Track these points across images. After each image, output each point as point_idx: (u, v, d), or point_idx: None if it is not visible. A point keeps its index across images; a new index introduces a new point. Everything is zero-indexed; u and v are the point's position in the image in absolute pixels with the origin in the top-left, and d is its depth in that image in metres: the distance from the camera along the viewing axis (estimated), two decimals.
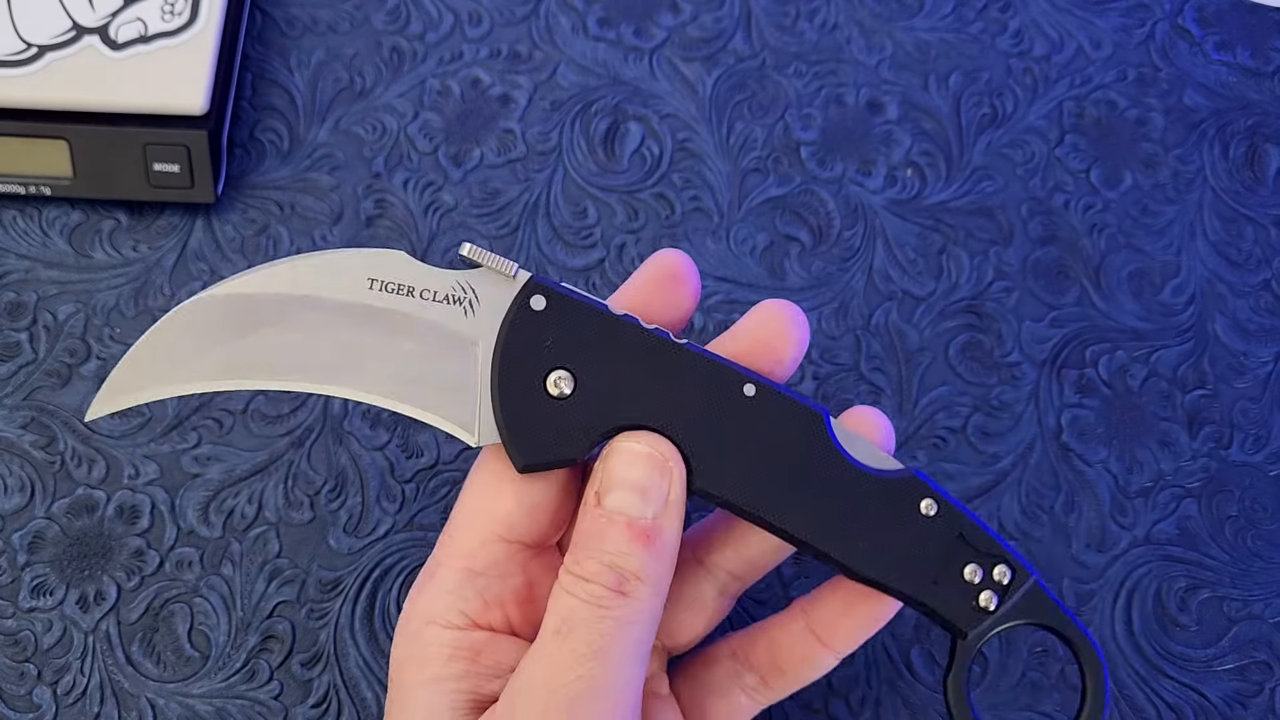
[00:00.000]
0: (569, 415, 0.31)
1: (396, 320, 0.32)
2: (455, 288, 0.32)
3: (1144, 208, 0.46)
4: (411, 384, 0.32)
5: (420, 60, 0.47)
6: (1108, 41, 0.49)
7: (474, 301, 0.32)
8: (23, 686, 0.38)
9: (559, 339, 0.32)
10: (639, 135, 0.46)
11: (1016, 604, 0.32)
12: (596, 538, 0.31)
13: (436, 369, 0.32)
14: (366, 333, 0.32)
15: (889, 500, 0.31)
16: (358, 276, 0.32)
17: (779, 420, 0.32)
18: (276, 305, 0.32)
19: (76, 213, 0.44)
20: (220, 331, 0.32)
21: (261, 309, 0.32)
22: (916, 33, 0.49)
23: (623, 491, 0.31)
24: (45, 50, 0.43)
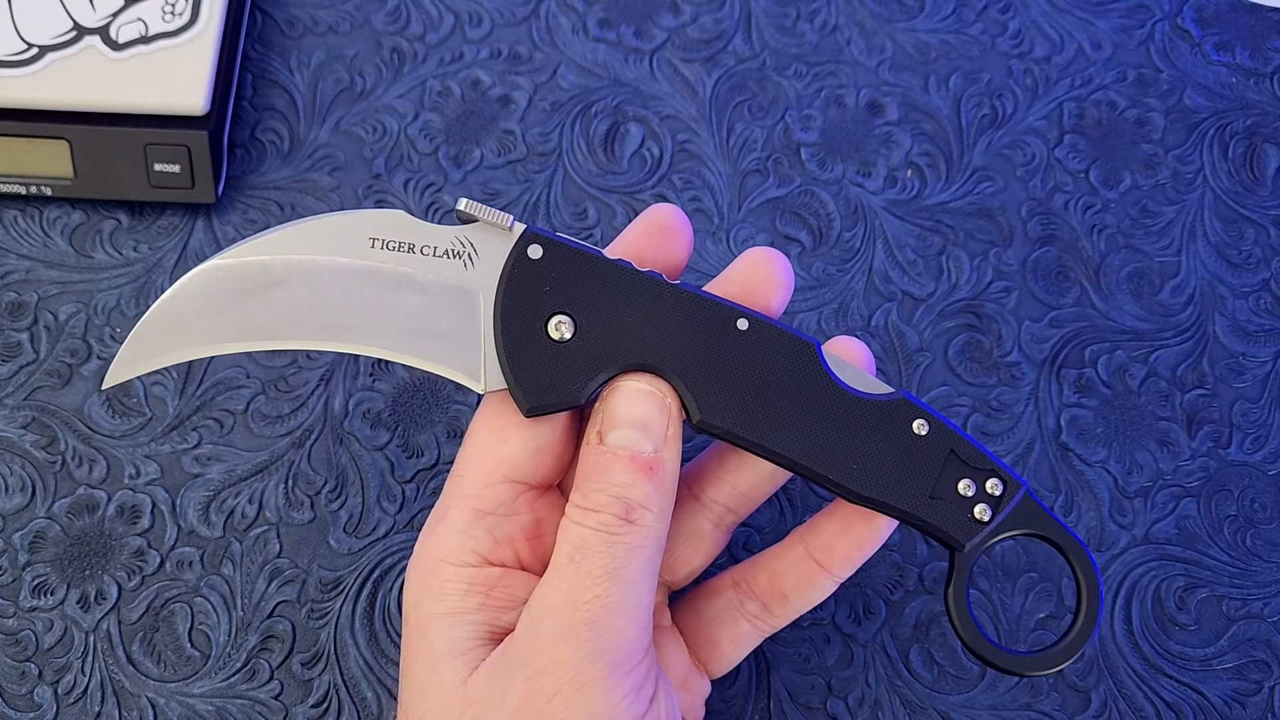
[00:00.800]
0: (571, 358, 0.33)
1: (400, 277, 0.33)
2: (454, 242, 0.33)
3: (1143, 208, 0.46)
4: (418, 337, 0.33)
5: (421, 61, 0.47)
6: (1108, 42, 0.49)
7: (473, 254, 0.33)
8: (24, 686, 0.38)
9: (557, 285, 0.33)
10: (639, 136, 0.46)
11: (1010, 514, 0.33)
12: (602, 472, 0.32)
13: (441, 321, 0.33)
14: (371, 290, 0.33)
15: (881, 421, 0.33)
16: (359, 237, 0.33)
17: (772, 351, 0.33)
18: (283, 269, 0.33)
19: (77, 213, 0.44)
20: (230, 296, 0.33)
21: (269, 273, 0.33)
22: (917, 34, 0.49)
23: (625, 429, 0.32)
24: (46, 50, 0.43)
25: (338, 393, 0.42)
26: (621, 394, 0.33)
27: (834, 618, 0.40)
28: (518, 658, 0.31)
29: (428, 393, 0.42)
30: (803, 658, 0.40)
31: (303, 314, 0.33)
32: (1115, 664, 0.40)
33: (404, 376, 0.42)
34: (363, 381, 0.42)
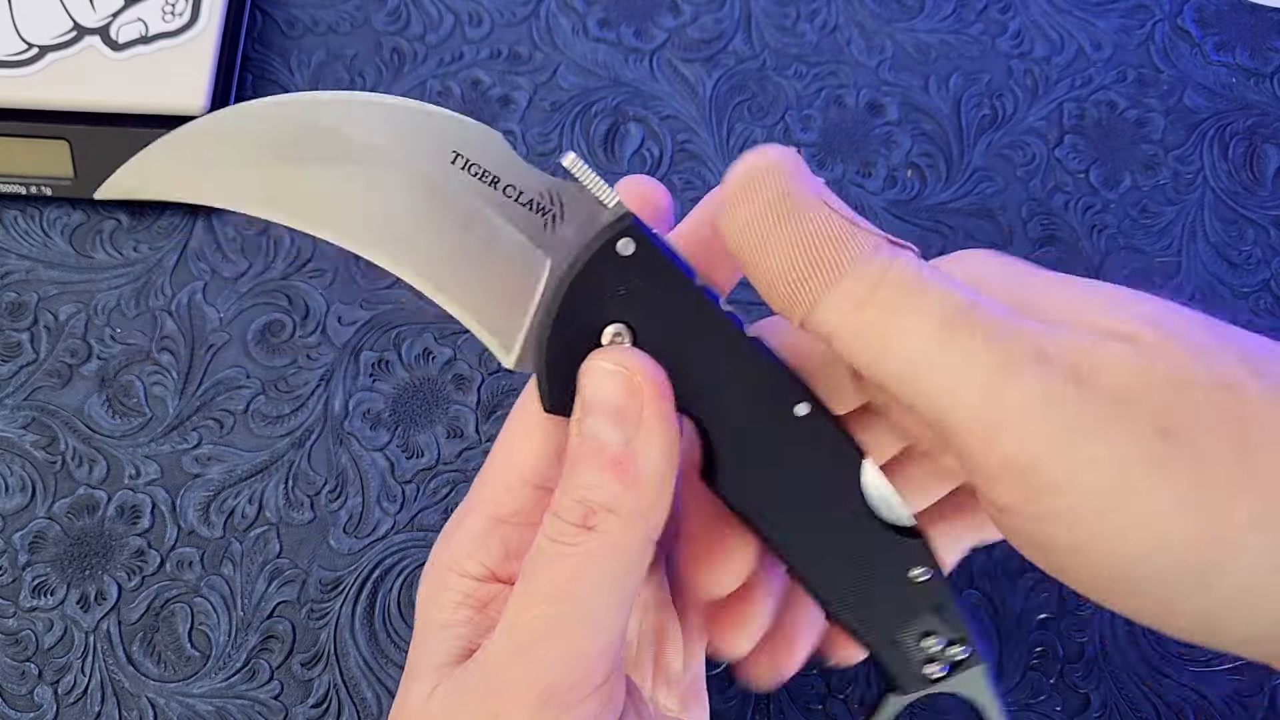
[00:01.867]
0: None
1: (471, 210, 0.29)
2: (544, 195, 0.29)
3: (1144, 208, 0.46)
4: (462, 278, 0.29)
5: (421, 61, 0.47)
6: (1108, 43, 0.49)
7: (558, 217, 0.29)
8: (24, 686, 0.38)
9: (634, 292, 0.29)
10: (639, 136, 0.46)
11: (959, 679, 0.31)
12: (572, 468, 0.28)
13: (494, 272, 0.29)
14: (435, 209, 0.29)
15: (888, 558, 0.31)
16: (444, 145, 0.28)
17: (818, 448, 0.30)
18: (342, 143, 0.28)
19: (77, 213, 0.44)
20: (269, 151, 0.28)
21: (324, 141, 0.28)
22: (917, 34, 0.49)
23: (595, 416, 0.28)
24: (46, 50, 0.43)
25: (338, 393, 0.42)
26: (591, 375, 0.29)
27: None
28: (466, 684, 0.29)
29: (428, 393, 0.42)
30: None
31: (347, 205, 0.28)
32: (1116, 664, 0.40)
33: (404, 377, 0.42)
34: (363, 382, 0.42)
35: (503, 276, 0.29)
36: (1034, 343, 0.26)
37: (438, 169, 0.29)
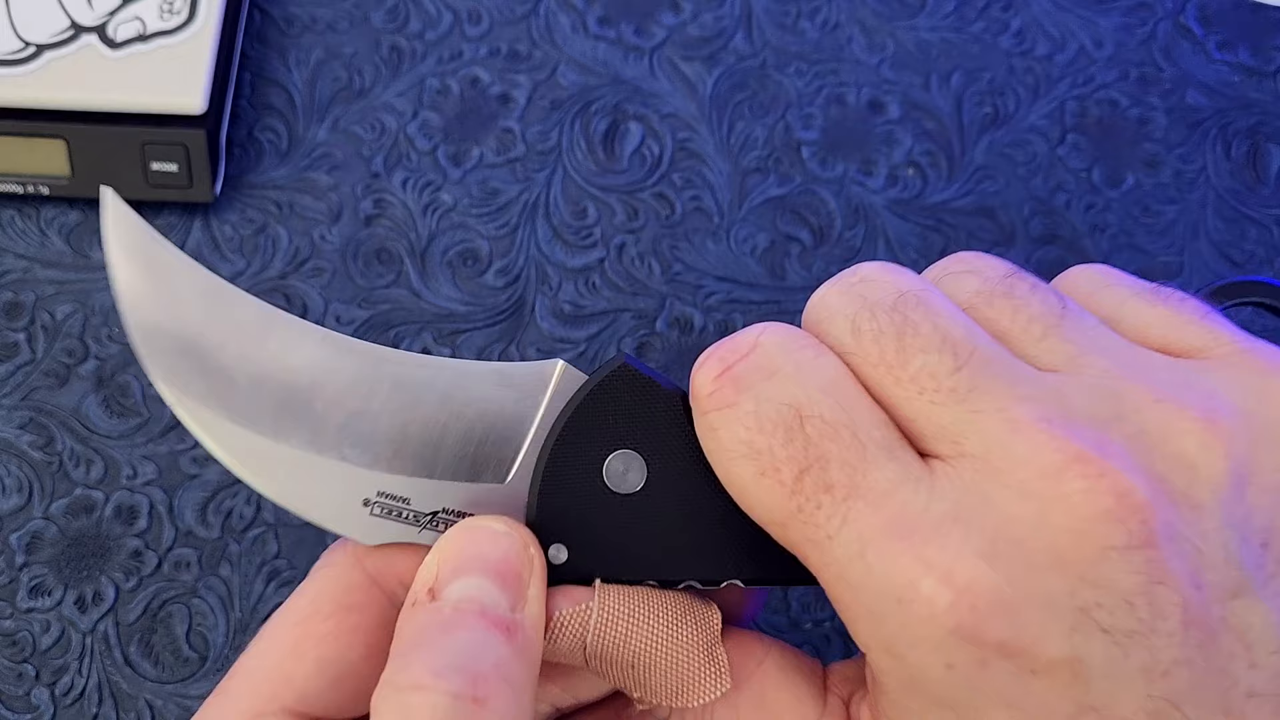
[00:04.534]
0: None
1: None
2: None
3: (1145, 208, 0.46)
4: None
5: (419, 59, 0.47)
6: (1109, 41, 0.49)
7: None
8: (21, 687, 0.38)
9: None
10: (639, 135, 0.46)
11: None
12: (437, 634, 0.24)
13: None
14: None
15: None
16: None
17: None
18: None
19: (75, 212, 0.44)
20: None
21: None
22: (918, 32, 0.49)
23: (475, 577, 0.25)
24: (43, 49, 0.42)
25: None
26: (472, 533, 0.26)
27: (834, 619, 0.40)
28: None
29: None
30: None
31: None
32: None
33: None
34: None
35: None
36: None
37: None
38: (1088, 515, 0.23)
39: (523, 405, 0.27)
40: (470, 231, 0.44)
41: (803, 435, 0.25)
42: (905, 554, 0.23)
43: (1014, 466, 0.24)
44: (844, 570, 0.24)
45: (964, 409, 0.24)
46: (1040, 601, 0.23)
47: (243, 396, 0.27)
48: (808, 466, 0.24)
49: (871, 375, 0.25)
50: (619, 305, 0.43)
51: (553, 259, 0.44)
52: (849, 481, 0.24)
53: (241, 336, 0.27)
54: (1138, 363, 0.26)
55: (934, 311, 0.26)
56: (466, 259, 0.44)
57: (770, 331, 0.26)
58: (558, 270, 0.44)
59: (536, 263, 0.44)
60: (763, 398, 0.25)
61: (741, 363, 0.25)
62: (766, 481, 0.25)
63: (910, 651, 0.24)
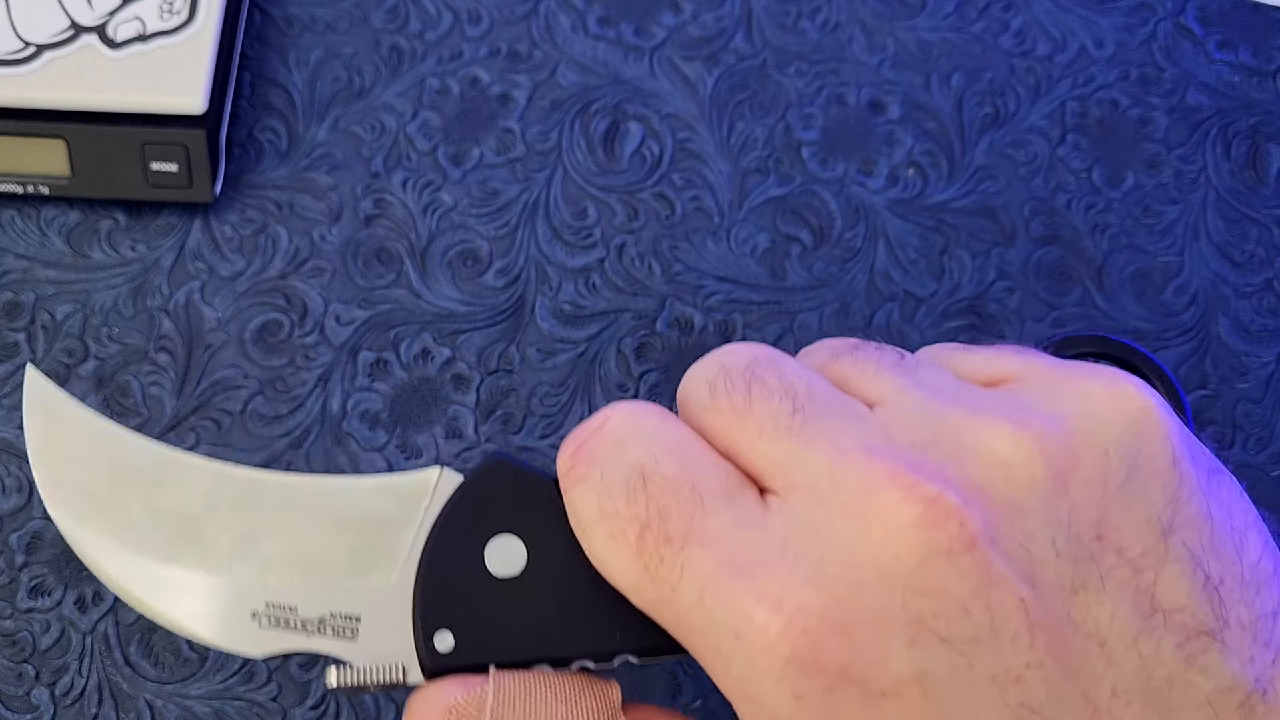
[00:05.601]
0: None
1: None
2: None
3: (1146, 208, 0.46)
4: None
5: (419, 59, 0.47)
6: (1110, 41, 0.49)
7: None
8: (21, 687, 0.38)
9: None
10: (639, 135, 0.46)
11: None
12: None
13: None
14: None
15: None
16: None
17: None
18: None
19: (74, 212, 0.44)
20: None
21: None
22: (919, 32, 0.48)
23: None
24: (43, 49, 0.42)
25: (335, 393, 0.42)
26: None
27: None
28: None
29: (426, 393, 0.42)
30: None
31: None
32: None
33: (402, 377, 0.42)
34: (361, 382, 0.42)
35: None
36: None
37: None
38: (901, 525, 0.24)
39: (406, 509, 0.28)
40: (470, 232, 0.44)
41: (644, 494, 0.26)
42: (738, 590, 0.24)
43: (836, 491, 0.24)
44: (689, 618, 0.25)
45: (796, 443, 0.26)
46: (873, 619, 0.23)
47: (138, 529, 0.29)
48: (648, 522, 0.25)
49: (719, 426, 0.27)
50: (619, 305, 0.43)
51: (553, 259, 0.44)
52: (686, 531, 0.25)
53: (138, 479, 0.29)
54: (958, 391, 0.27)
55: (781, 370, 0.27)
56: (466, 259, 0.44)
57: (619, 408, 0.27)
58: (558, 270, 0.44)
59: (536, 263, 0.44)
60: (610, 465, 0.26)
61: (592, 439, 0.27)
62: (615, 544, 0.26)
63: (758, 688, 0.24)
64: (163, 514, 0.29)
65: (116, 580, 0.29)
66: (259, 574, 0.28)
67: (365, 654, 0.28)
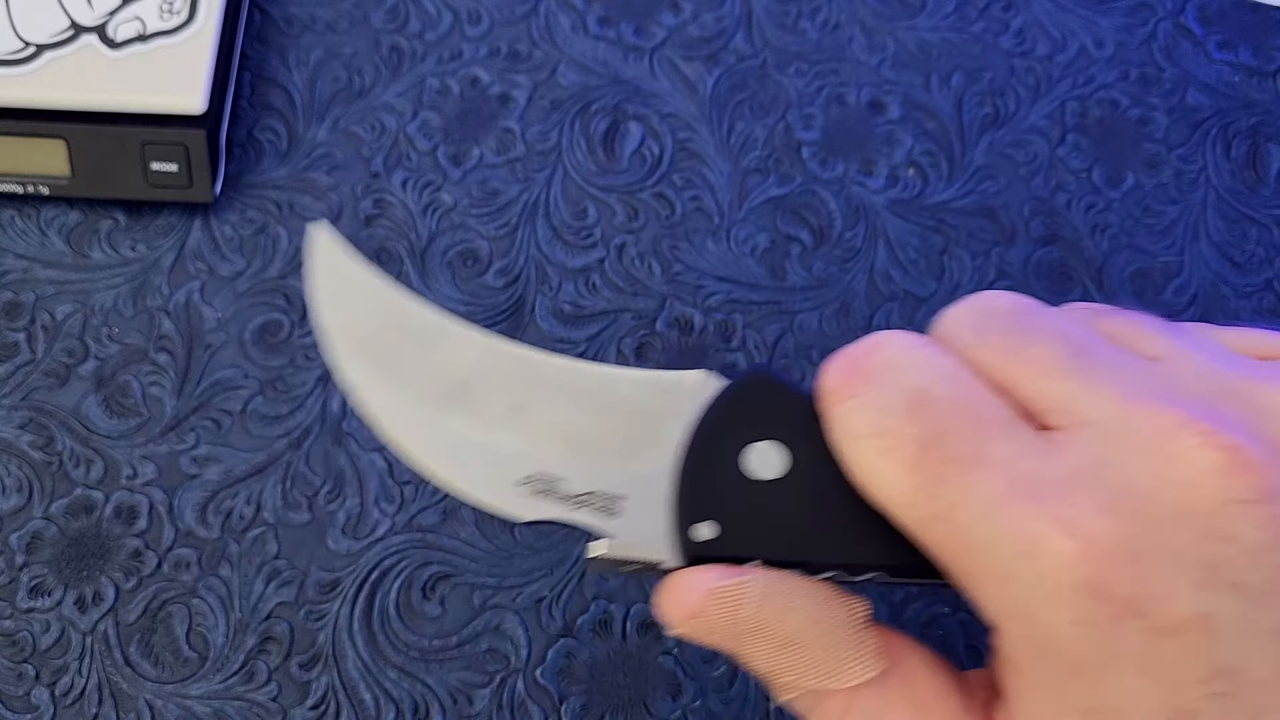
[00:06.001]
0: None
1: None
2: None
3: (1146, 208, 0.46)
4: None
5: (419, 59, 0.47)
6: (1110, 41, 0.49)
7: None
8: (21, 687, 0.38)
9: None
10: (639, 135, 0.46)
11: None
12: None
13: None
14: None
15: None
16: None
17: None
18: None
19: (74, 212, 0.44)
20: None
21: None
22: (918, 32, 0.48)
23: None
24: (43, 49, 0.42)
25: (335, 393, 0.42)
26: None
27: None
28: None
29: None
30: None
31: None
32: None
33: None
34: None
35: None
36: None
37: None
38: (1204, 469, 0.24)
39: (670, 403, 0.29)
40: (470, 231, 0.44)
41: (925, 414, 0.26)
42: (1030, 512, 0.24)
43: (1130, 430, 0.25)
44: (969, 537, 0.25)
45: (1079, 383, 0.26)
46: (1165, 556, 0.24)
47: (415, 385, 0.29)
48: (930, 442, 0.26)
49: (992, 362, 0.27)
50: (619, 305, 0.43)
51: (553, 259, 0.44)
52: (971, 453, 0.25)
53: (417, 338, 0.30)
54: (1235, 358, 0.27)
55: (1052, 315, 0.28)
56: (466, 259, 0.44)
57: (893, 335, 0.28)
58: (558, 270, 0.44)
59: (536, 263, 0.44)
60: (885, 385, 0.27)
61: (867, 359, 0.27)
62: (888, 460, 0.26)
63: (1040, 609, 0.24)
64: (439, 375, 0.30)
65: (394, 433, 0.29)
66: (528, 443, 0.29)
67: (626, 532, 0.28)
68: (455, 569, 0.39)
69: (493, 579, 0.39)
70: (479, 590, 0.39)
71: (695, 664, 0.39)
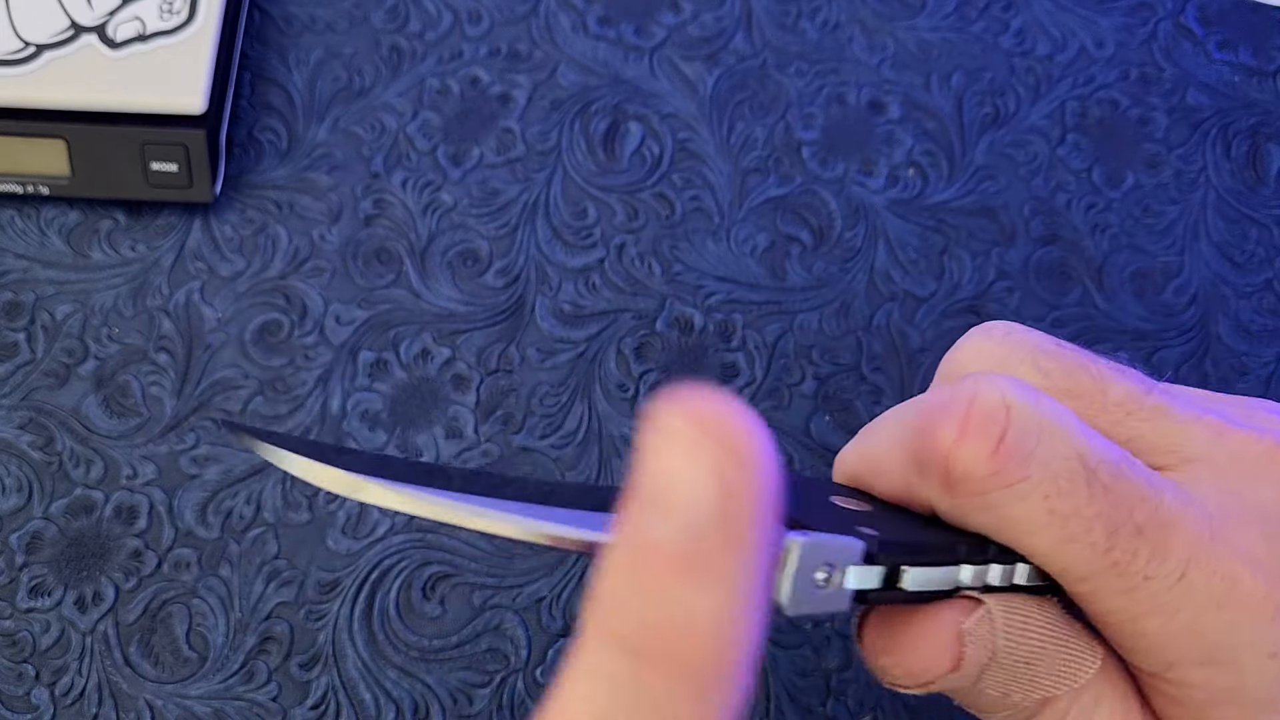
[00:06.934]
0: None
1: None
2: None
3: (1146, 208, 0.46)
4: None
5: (419, 59, 0.47)
6: (1110, 41, 0.49)
7: None
8: (21, 687, 0.38)
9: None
10: (639, 135, 0.46)
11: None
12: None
13: None
14: None
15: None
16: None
17: None
18: None
19: (74, 212, 0.44)
20: None
21: None
22: (918, 32, 0.48)
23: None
24: (43, 49, 0.42)
25: (335, 393, 0.42)
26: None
27: (834, 619, 0.40)
28: None
29: (426, 393, 0.42)
30: (803, 659, 0.39)
31: None
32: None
33: (402, 377, 0.42)
34: (360, 382, 0.42)
35: None
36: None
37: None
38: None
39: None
40: (470, 232, 0.44)
41: (1100, 486, 0.24)
42: (1217, 558, 0.24)
43: (1234, 461, 0.25)
44: (1160, 601, 0.24)
45: (1170, 423, 0.25)
46: None
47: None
48: (1116, 519, 0.24)
49: (1079, 408, 0.25)
50: (619, 305, 0.43)
51: (553, 259, 0.44)
52: (1154, 518, 0.24)
53: None
54: (1248, 401, 0.28)
55: (1083, 352, 0.26)
56: (466, 259, 0.44)
57: (999, 385, 0.24)
58: (558, 270, 0.44)
59: (536, 263, 0.44)
60: (1047, 462, 0.24)
61: (1011, 431, 0.24)
62: (1075, 546, 0.24)
63: (1235, 653, 0.24)
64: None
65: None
66: None
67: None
68: (455, 569, 0.39)
69: (493, 579, 0.39)
70: (479, 590, 0.39)
71: None
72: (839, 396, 0.43)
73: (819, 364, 0.43)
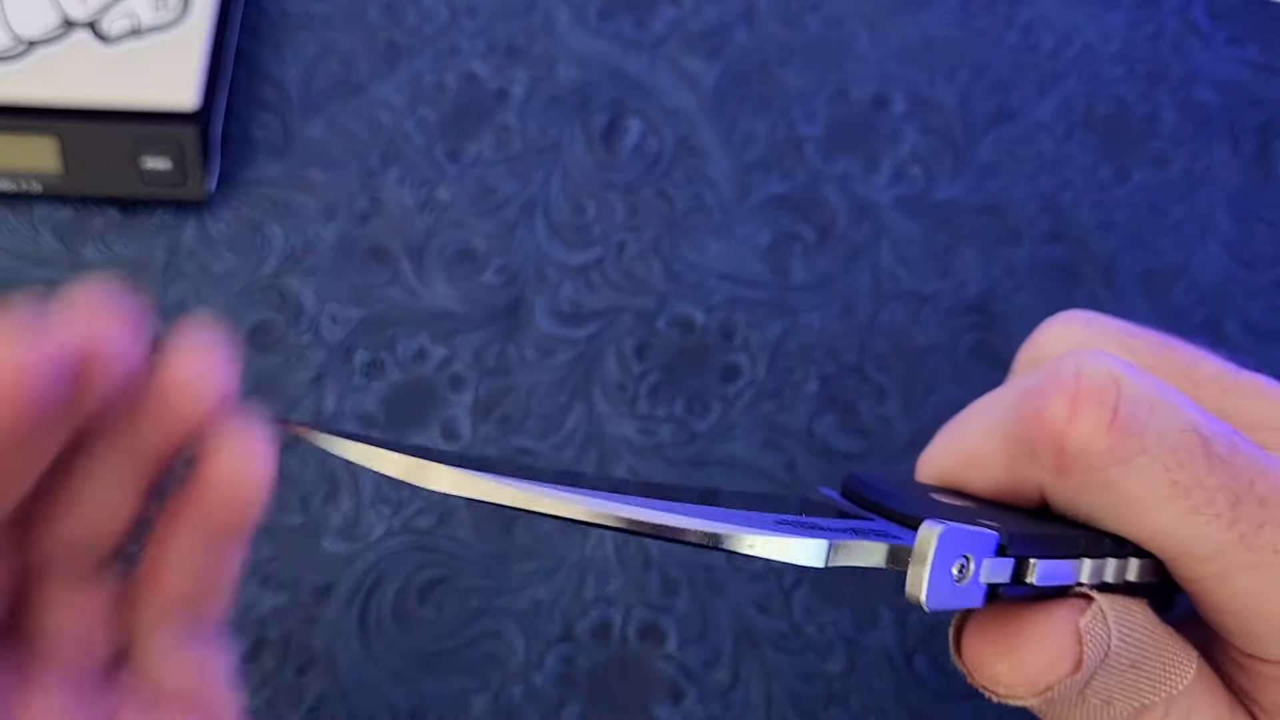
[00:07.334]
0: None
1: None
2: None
3: (1153, 205, 0.46)
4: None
5: (416, 54, 0.46)
6: (1117, 37, 0.48)
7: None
8: None
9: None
10: (639, 131, 0.45)
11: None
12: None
13: None
14: None
15: None
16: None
17: None
18: None
19: (67, 210, 0.43)
20: None
21: None
22: (923, 27, 0.48)
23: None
24: (36, 45, 0.42)
25: (330, 393, 0.41)
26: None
27: (837, 623, 0.39)
28: None
29: (422, 393, 0.41)
30: (805, 664, 0.39)
31: None
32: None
33: (398, 377, 0.41)
34: (356, 382, 0.41)
35: None
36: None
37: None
38: None
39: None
40: (467, 229, 0.44)
41: (1217, 458, 0.23)
42: None
43: None
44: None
45: (1267, 400, 0.25)
46: None
47: None
48: (1238, 490, 0.23)
49: (1180, 387, 0.25)
50: (619, 304, 0.43)
51: (551, 257, 0.43)
52: (1277, 489, 0.23)
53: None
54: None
55: (1155, 332, 0.26)
56: (464, 257, 0.43)
57: (1103, 360, 0.23)
58: (557, 269, 0.43)
59: (535, 261, 0.43)
60: (1163, 433, 0.23)
61: (1124, 403, 0.23)
62: (1200, 519, 0.23)
63: None
64: None
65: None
66: None
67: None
68: (452, 572, 0.39)
69: (490, 583, 0.39)
70: (476, 594, 0.39)
71: (695, 669, 0.38)
72: (843, 396, 0.42)
73: (822, 363, 0.42)
